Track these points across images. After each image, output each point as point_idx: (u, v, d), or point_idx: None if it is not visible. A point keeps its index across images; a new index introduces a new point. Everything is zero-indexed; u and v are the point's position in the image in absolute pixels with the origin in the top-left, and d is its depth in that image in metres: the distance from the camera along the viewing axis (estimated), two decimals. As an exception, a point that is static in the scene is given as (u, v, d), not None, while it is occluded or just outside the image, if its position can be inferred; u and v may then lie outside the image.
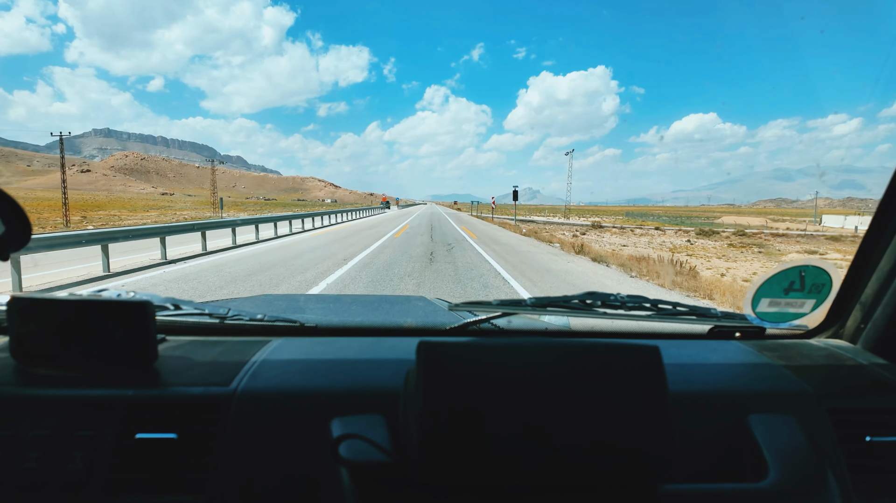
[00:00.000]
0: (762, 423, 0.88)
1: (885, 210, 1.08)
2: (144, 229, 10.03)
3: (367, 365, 0.99)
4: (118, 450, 0.80)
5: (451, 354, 0.69)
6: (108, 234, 8.76)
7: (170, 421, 0.84)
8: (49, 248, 7.45)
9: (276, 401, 0.88)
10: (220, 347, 1.07)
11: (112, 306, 0.90)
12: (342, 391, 0.90)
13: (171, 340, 1.10)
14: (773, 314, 1.13)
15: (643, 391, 0.69)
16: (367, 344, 1.11)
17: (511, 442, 0.66)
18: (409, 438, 0.68)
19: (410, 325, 1.27)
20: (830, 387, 0.98)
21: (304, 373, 0.95)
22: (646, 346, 0.72)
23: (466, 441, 0.65)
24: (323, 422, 0.84)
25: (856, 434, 0.91)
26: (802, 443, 0.84)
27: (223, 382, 0.90)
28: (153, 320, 0.92)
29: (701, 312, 1.17)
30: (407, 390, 0.74)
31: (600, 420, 0.67)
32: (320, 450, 0.82)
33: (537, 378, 0.68)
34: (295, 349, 1.06)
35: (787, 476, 0.77)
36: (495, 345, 0.71)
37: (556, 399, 0.68)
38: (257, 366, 0.96)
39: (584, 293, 1.13)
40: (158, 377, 0.91)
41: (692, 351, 1.14)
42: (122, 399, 0.85)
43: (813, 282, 1.09)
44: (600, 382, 0.69)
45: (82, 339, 0.90)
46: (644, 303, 1.14)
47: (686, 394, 0.93)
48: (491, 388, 0.67)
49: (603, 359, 0.71)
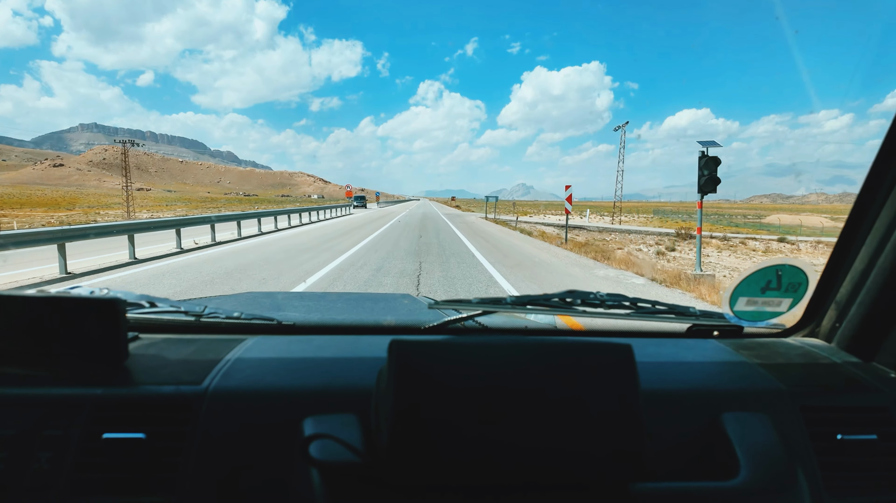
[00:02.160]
0: (735, 422, 0.89)
1: (860, 209, 1.09)
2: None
3: (343, 363, 0.97)
4: (85, 450, 0.79)
5: (423, 353, 0.68)
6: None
7: (139, 420, 0.82)
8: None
9: (248, 401, 0.86)
10: (193, 346, 1.05)
11: (81, 303, 0.88)
12: (316, 390, 0.88)
13: (144, 338, 1.07)
14: (750, 313, 1.14)
15: (615, 390, 0.69)
16: (345, 342, 1.09)
17: (483, 442, 0.65)
18: (380, 438, 0.68)
19: (389, 324, 1.27)
20: (804, 385, 0.99)
21: (279, 371, 0.93)
22: (618, 345, 0.73)
23: (437, 441, 0.64)
24: (295, 422, 0.83)
25: (827, 432, 0.92)
26: (774, 442, 0.85)
27: (194, 381, 0.89)
28: (124, 317, 0.90)
29: (679, 311, 1.18)
30: (378, 389, 0.73)
31: (573, 419, 0.67)
32: (292, 450, 0.81)
33: (510, 377, 0.68)
34: (271, 347, 1.04)
35: (758, 474, 0.78)
36: (469, 344, 0.71)
37: (528, 398, 0.67)
38: (230, 365, 0.95)
39: (565, 291, 1.14)
40: (129, 376, 0.89)
41: (670, 349, 1.14)
42: (91, 398, 0.83)
43: (790, 282, 1.10)
44: (573, 381, 0.69)
45: (50, 337, 0.88)
46: (623, 301, 1.15)
47: (662, 393, 0.93)
48: (463, 387, 0.67)
49: (576, 358, 0.71)
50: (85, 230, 9.42)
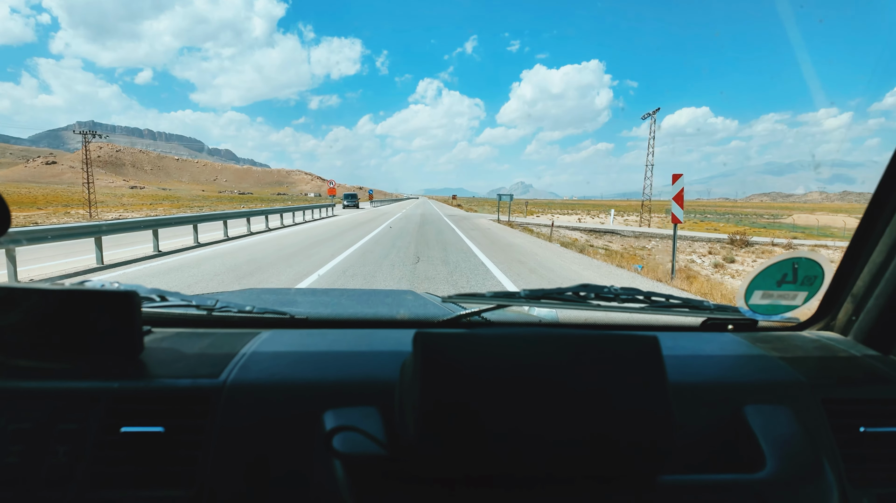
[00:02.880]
0: (758, 414, 0.89)
1: (878, 203, 1.10)
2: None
3: (358, 357, 0.98)
4: (103, 444, 0.79)
5: (448, 345, 0.68)
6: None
7: (156, 413, 0.82)
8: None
9: (266, 393, 0.86)
10: (207, 339, 1.05)
11: (96, 296, 0.88)
12: (334, 383, 0.89)
13: (157, 332, 1.07)
14: (765, 306, 1.13)
15: (643, 382, 0.69)
16: (358, 336, 1.09)
17: (510, 434, 0.65)
18: (406, 430, 0.68)
19: (403, 317, 1.27)
20: (824, 378, 0.99)
21: (295, 364, 0.93)
22: (645, 337, 0.73)
23: (464, 433, 0.64)
24: (315, 415, 0.83)
25: (850, 424, 0.92)
26: (798, 434, 0.85)
27: (212, 374, 0.88)
28: (139, 311, 0.90)
29: (694, 304, 1.20)
30: (403, 381, 0.73)
31: (600, 411, 0.67)
32: (312, 442, 0.81)
33: (536, 369, 0.68)
34: (285, 341, 1.05)
35: (784, 465, 0.78)
36: (492, 336, 0.71)
37: (555, 390, 0.67)
38: (247, 358, 0.95)
39: (578, 285, 1.15)
40: (145, 369, 0.89)
41: (686, 343, 1.13)
42: (107, 391, 0.83)
43: (805, 275, 1.09)
44: (600, 373, 0.69)
45: (65, 330, 0.88)
46: (637, 295, 1.15)
47: (681, 386, 0.93)
48: (489, 379, 0.67)
49: (602, 350, 0.71)
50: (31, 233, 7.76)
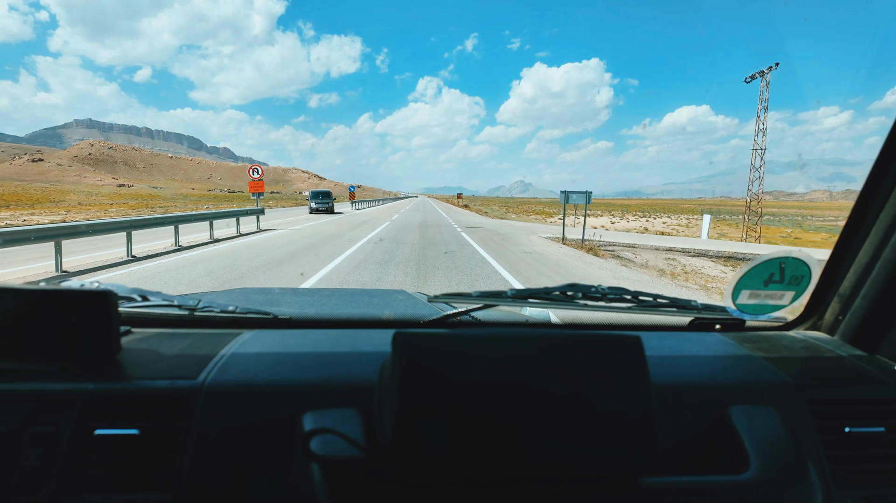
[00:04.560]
0: (743, 415, 0.88)
1: (864, 202, 1.10)
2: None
3: (341, 358, 0.96)
4: (77, 447, 0.77)
5: (427, 346, 0.67)
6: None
7: (132, 416, 0.80)
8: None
9: (245, 395, 0.84)
10: (188, 340, 1.03)
11: (72, 296, 0.86)
12: (315, 384, 0.87)
13: (136, 332, 1.05)
14: (752, 306, 1.12)
15: (625, 382, 0.68)
16: (343, 337, 1.08)
17: (489, 436, 0.64)
18: (384, 432, 0.67)
19: (388, 318, 1.27)
20: (810, 378, 0.99)
21: (276, 365, 0.92)
22: (627, 337, 0.72)
23: (443, 435, 0.64)
24: (294, 417, 0.81)
25: (835, 425, 0.92)
26: (783, 435, 0.84)
27: (190, 376, 0.87)
28: (116, 310, 0.88)
29: (681, 304, 1.19)
30: (382, 383, 0.72)
31: (582, 412, 0.66)
32: (291, 444, 0.79)
33: (517, 370, 0.67)
34: (267, 342, 1.03)
35: (768, 467, 0.77)
36: (474, 336, 0.69)
37: (535, 391, 0.66)
38: (227, 359, 0.93)
39: (566, 285, 1.14)
40: (121, 370, 0.88)
41: (673, 343, 1.13)
42: (82, 393, 0.81)
43: (792, 274, 1.08)
44: (582, 374, 0.68)
45: (40, 330, 0.86)
46: (625, 294, 1.15)
47: (666, 386, 0.92)
48: (469, 381, 0.66)
49: (584, 351, 0.70)
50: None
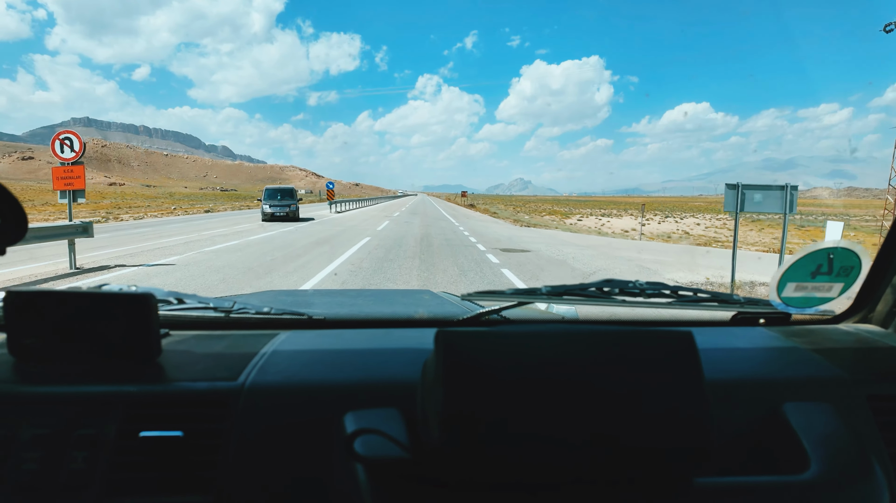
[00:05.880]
0: (799, 412, 0.84)
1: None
2: None
3: (378, 357, 0.96)
4: (121, 449, 0.78)
5: (470, 344, 0.65)
6: None
7: (175, 417, 0.81)
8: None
9: (285, 395, 0.85)
10: (225, 341, 1.04)
11: (113, 299, 0.88)
12: (354, 384, 0.87)
13: (174, 335, 1.07)
14: (799, 299, 1.08)
15: (678, 380, 0.66)
16: (377, 336, 1.08)
17: (537, 436, 0.62)
18: (429, 433, 0.65)
19: (422, 316, 1.26)
20: (866, 373, 0.95)
21: (314, 365, 0.92)
22: (679, 332, 0.70)
23: (489, 435, 0.62)
24: (335, 416, 0.81)
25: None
26: (842, 432, 0.80)
27: (230, 377, 0.87)
28: (156, 313, 0.90)
29: (723, 299, 1.15)
30: (425, 382, 0.71)
31: (636, 412, 0.64)
32: (332, 444, 0.79)
33: (562, 368, 0.65)
34: (304, 342, 1.04)
35: (829, 466, 0.74)
36: (516, 334, 0.68)
37: (583, 390, 0.64)
38: (265, 360, 0.93)
39: (602, 280, 1.11)
40: (162, 372, 0.89)
41: (716, 338, 1.09)
42: (125, 395, 0.82)
43: (841, 265, 1.04)
44: (632, 371, 0.66)
45: (82, 334, 0.87)
46: (663, 289, 1.11)
47: (714, 383, 0.88)
48: (514, 379, 0.64)
49: (636, 347, 0.67)
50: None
